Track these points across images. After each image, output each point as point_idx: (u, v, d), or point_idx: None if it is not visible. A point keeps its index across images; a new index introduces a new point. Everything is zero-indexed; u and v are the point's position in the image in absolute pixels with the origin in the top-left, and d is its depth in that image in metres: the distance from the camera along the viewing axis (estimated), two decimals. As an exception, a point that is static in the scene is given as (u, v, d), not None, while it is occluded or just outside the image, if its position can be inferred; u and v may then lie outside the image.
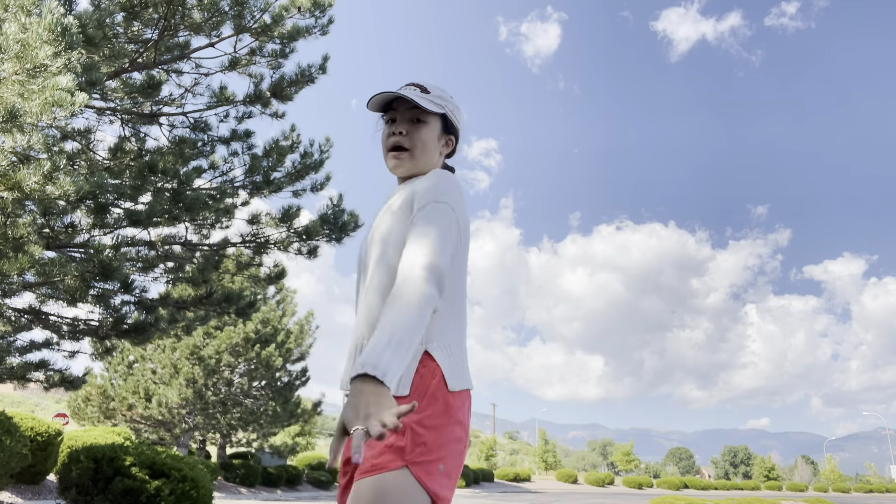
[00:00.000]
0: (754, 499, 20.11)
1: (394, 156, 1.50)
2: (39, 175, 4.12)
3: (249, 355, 19.34)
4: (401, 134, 1.49)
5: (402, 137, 1.49)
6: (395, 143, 1.50)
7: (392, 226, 1.38)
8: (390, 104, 1.53)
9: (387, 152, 1.52)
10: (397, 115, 1.52)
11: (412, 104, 1.50)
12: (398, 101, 1.51)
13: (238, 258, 7.70)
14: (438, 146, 1.55)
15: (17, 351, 7.46)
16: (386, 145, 1.52)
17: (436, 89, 1.55)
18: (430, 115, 1.52)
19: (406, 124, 1.50)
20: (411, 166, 1.51)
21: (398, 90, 1.50)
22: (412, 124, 1.50)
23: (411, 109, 1.51)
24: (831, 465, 63.66)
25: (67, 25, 3.74)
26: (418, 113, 1.50)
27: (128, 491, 6.52)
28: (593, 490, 42.73)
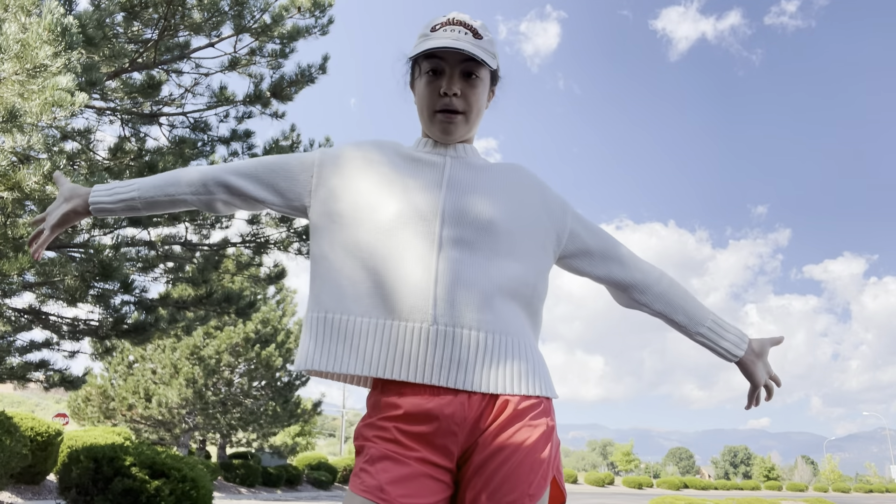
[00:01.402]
0: (754, 499, 20.11)
1: (447, 119, 1.25)
2: (39, 175, 4.12)
3: (249, 355, 19.35)
4: (455, 95, 1.23)
5: (455, 100, 1.24)
6: (447, 105, 1.24)
7: (518, 228, 1.24)
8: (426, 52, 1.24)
9: (434, 113, 1.25)
10: (444, 66, 1.23)
11: (463, 56, 1.22)
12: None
13: (238, 258, 7.71)
14: (485, 106, 1.33)
15: (17, 351, 7.46)
16: (434, 105, 1.25)
17: (485, 30, 1.27)
18: (484, 69, 1.26)
19: (459, 81, 1.23)
20: (464, 132, 1.28)
21: (446, 30, 1.23)
22: (465, 81, 1.24)
23: (465, 62, 1.23)
24: (831, 465, 63.70)
25: (67, 25, 3.74)
26: (472, 66, 1.23)
27: (128, 491, 6.53)
28: (593, 490, 42.74)
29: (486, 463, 1.12)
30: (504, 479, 1.11)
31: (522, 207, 1.27)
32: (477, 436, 1.14)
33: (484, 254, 1.19)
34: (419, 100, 1.29)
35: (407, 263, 1.16)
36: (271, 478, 21.25)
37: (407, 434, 1.12)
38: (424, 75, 1.26)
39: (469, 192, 1.24)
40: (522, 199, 1.28)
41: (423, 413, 1.12)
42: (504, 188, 1.28)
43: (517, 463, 1.11)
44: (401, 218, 1.19)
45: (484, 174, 1.29)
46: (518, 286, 1.21)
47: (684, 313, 1.38)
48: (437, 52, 1.22)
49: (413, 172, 1.26)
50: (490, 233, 1.20)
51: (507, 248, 1.21)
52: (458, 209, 1.21)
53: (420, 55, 1.25)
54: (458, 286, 1.15)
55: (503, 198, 1.26)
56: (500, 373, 1.16)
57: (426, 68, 1.25)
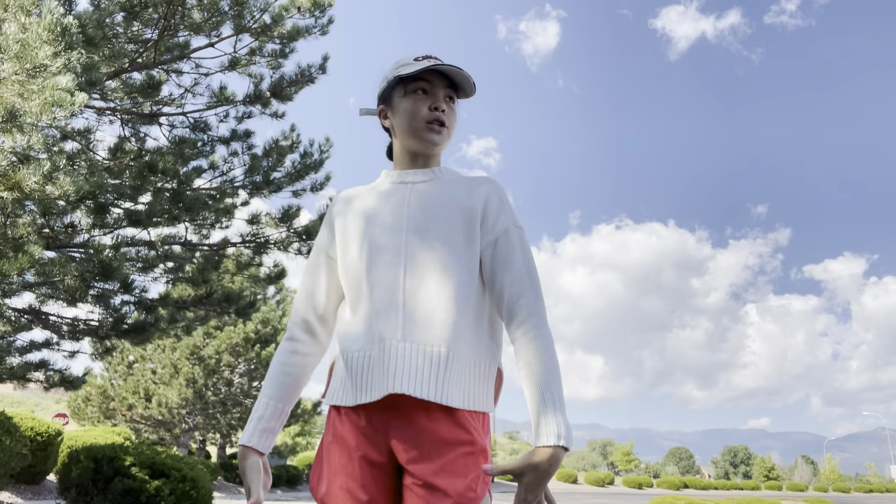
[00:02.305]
0: (754, 499, 20.10)
1: (436, 129, 1.38)
2: (39, 175, 4.12)
3: (249, 355, 19.35)
4: (442, 111, 1.38)
5: (442, 115, 1.38)
6: (439, 118, 1.38)
7: (456, 224, 1.33)
8: (418, 74, 1.38)
9: (423, 125, 1.38)
10: (431, 88, 1.38)
11: (447, 82, 1.39)
12: (432, 73, 1.38)
13: (238, 258, 7.70)
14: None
15: (17, 351, 7.46)
16: (423, 117, 1.37)
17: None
18: (460, 96, 1.43)
19: (443, 102, 1.39)
20: (445, 144, 1.42)
21: (437, 62, 1.37)
22: (447, 103, 1.40)
23: (447, 87, 1.39)
24: (831, 465, 63.69)
25: (67, 25, 3.74)
26: (451, 93, 1.41)
27: (128, 491, 6.53)
28: (593, 490, 42.74)
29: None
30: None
31: (461, 213, 1.35)
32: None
33: (431, 271, 1.30)
34: (407, 116, 1.39)
35: (379, 293, 1.30)
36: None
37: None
38: (412, 94, 1.39)
39: (428, 205, 1.36)
40: (463, 204, 1.36)
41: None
42: (456, 197, 1.38)
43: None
44: (371, 255, 1.34)
45: (446, 187, 1.40)
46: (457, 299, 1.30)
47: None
48: (426, 76, 1.37)
49: (381, 209, 1.39)
50: (440, 242, 1.32)
51: (450, 254, 1.31)
52: (417, 222, 1.34)
53: (405, 80, 1.38)
54: (418, 296, 1.28)
55: (451, 207, 1.36)
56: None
57: (414, 88, 1.38)
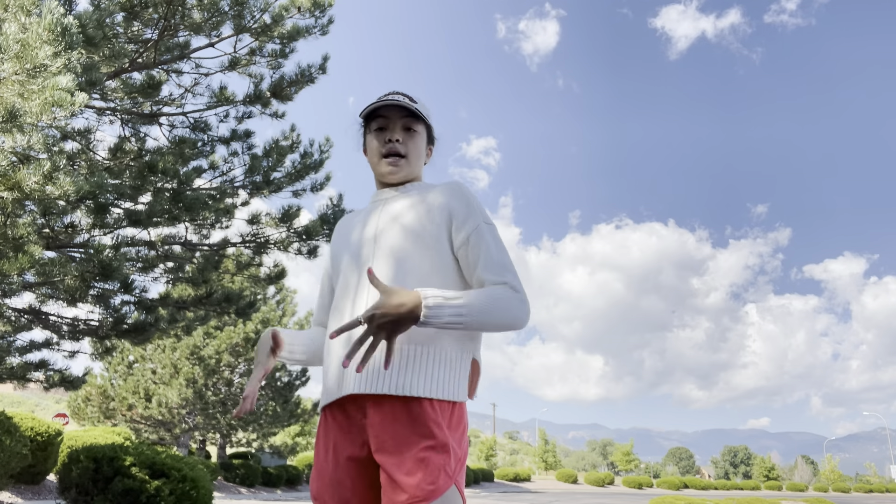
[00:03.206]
0: (754, 499, 20.11)
1: (391, 162, 1.52)
2: (39, 175, 4.12)
3: (249, 355, 19.34)
4: (397, 141, 1.52)
5: (398, 144, 1.52)
6: (391, 150, 1.53)
7: (426, 227, 1.43)
8: (376, 111, 1.55)
9: (380, 158, 1.54)
10: (388, 124, 1.54)
11: (404, 113, 1.53)
12: (388, 108, 1.53)
13: (238, 258, 7.70)
14: (424, 155, 1.61)
15: (17, 351, 7.46)
16: (380, 151, 1.54)
17: (419, 100, 1.59)
18: (420, 124, 1.56)
19: (400, 132, 1.53)
20: (407, 172, 1.55)
21: (387, 98, 1.53)
22: (405, 132, 1.54)
23: (403, 118, 1.54)
24: (831, 465, 63.68)
25: (67, 25, 3.74)
26: (410, 122, 1.54)
27: (128, 491, 6.52)
28: (593, 490, 42.75)
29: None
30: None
31: (427, 218, 1.46)
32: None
33: (390, 272, 1.40)
34: (370, 150, 1.57)
35: (346, 297, 1.45)
36: (271, 478, 21.25)
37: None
38: (373, 132, 1.56)
39: (397, 215, 1.48)
40: (430, 210, 1.46)
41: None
42: (423, 205, 1.48)
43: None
44: (345, 266, 1.50)
45: (416, 198, 1.51)
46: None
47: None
48: (382, 112, 1.53)
49: (358, 227, 1.55)
50: (406, 246, 1.42)
51: (417, 257, 1.41)
52: (385, 231, 1.46)
53: (369, 119, 1.57)
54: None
55: (419, 214, 1.47)
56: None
57: (374, 127, 1.56)
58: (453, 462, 1.28)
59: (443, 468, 1.24)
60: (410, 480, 1.21)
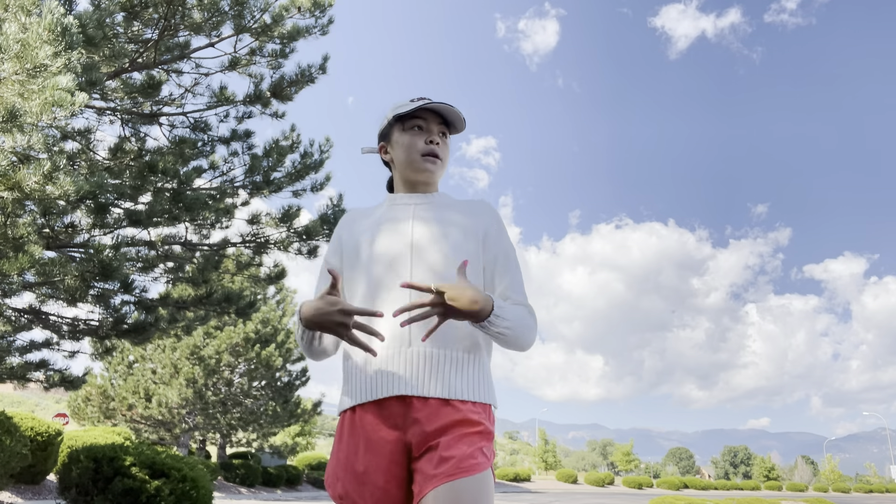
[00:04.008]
0: (754, 499, 20.11)
1: (431, 160, 1.55)
2: (39, 175, 4.12)
3: (249, 355, 19.34)
4: (437, 144, 1.56)
5: (436, 147, 1.56)
6: (433, 151, 1.55)
7: (464, 246, 1.49)
8: (414, 113, 1.56)
9: (419, 157, 1.55)
10: (426, 125, 1.56)
11: (440, 119, 1.57)
12: (425, 111, 1.55)
13: (238, 258, 7.70)
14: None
15: (17, 351, 7.46)
16: (419, 150, 1.55)
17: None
18: (452, 133, 1.61)
19: (436, 137, 1.57)
20: (440, 175, 1.60)
21: (432, 103, 1.54)
22: (441, 137, 1.58)
23: (441, 125, 1.57)
24: (831, 466, 63.68)
25: (67, 25, 3.74)
26: (444, 129, 1.58)
27: (128, 491, 6.52)
28: (593, 490, 42.74)
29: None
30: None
31: (465, 239, 1.51)
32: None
33: (443, 276, 1.44)
34: (405, 149, 1.56)
35: (387, 302, 1.43)
36: (271, 478, 21.25)
37: None
38: (409, 131, 1.56)
39: (430, 225, 1.51)
40: (466, 232, 1.52)
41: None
42: (458, 219, 1.54)
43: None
44: (379, 268, 1.47)
45: (446, 210, 1.55)
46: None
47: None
48: (420, 114, 1.54)
49: (386, 226, 1.54)
50: (445, 256, 1.46)
51: (445, 276, 1.45)
52: (422, 241, 1.48)
53: (403, 118, 1.56)
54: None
55: (455, 227, 1.52)
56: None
57: (411, 125, 1.56)
58: (491, 449, 1.34)
59: (483, 449, 1.31)
60: (455, 452, 1.26)
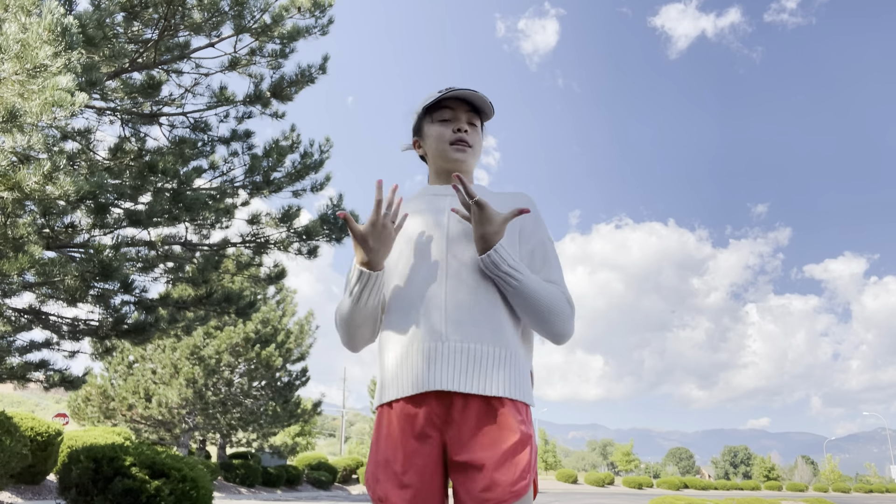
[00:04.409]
0: (754, 499, 20.11)
1: (460, 148, 1.56)
2: (39, 175, 4.12)
3: (249, 355, 19.34)
4: (465, 132, 1.56)
5: (465, 135, 1.56)
6: (461, 138, 1.56)
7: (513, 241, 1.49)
8: (441, 102, 1.58)
9: (449, 145, 1.56)
10: (453, 115, 1.57)
11: (468, 107, 1.58)
12: (453, 100, 1.57)
13: (238, 258, 7.70)
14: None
15: (17, 351, 7.46)
16: (449, 138, 1.56)
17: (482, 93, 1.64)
18: (479, 120, 1.62)
19: (465, 125, 1.57)
20: (472, 163, 1.60)
21: (456, 91, 1.55)
22: (470, 126, 1.58)
23: (469, 112, 1.58)
24: (831, 466, 63.69)
25: (67, 25, 3.74)
26: (473, 116, 1.59)
27: (128, 491, 6.52)
28: (593, 490, 42.74)
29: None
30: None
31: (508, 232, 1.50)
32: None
33: (470, 275, 1.43)
34: (434, 140, 1.58)
35: (422, 295, 1.43)
36: (271, 478, 21.25)
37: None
38: (438, 122, 1.58)
39: (463, 223, 1.50)
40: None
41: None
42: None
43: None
44: (413, 261, 1.47)
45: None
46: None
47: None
48: (447, 104, 1.56)
49: (420, 219, 1.54)
50: (473, 257, 1.45)
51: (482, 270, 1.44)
52: (457, 232, 1.48)
53: (431, 110, 1.59)
54: (460, 300, 1.40)
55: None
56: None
57: (437, 118, 1.58)
58: (533, 458, 1.34)
59: (527, 466, 1.31)
60: (503, 477, 1.27)
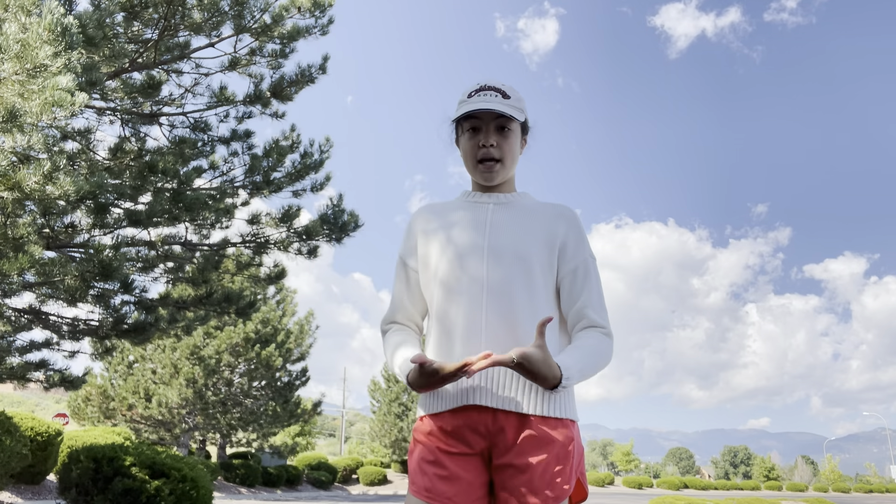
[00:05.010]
0: (754, 499, 20.11)
1: (487, 167, 1.50)
2: (39, 175, 4.12)
3: (249, 355, 19.34)
4: (491, 146, 1.49)
5: (492, 149, 1.49)
6: (486, 155, 1.49)
7: (540, 254, 1.45)
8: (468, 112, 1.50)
9: (476, 163, 1.51)
10: (481, 125, 1.50)
11: (497, 114, 1.48)
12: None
13: (238, 258, 7.70)
14: (518, 152, 1.58)
15: (17, 351, 7.46)
16: (475, 156, 1.51)
17: (512, 91, 1.53)
18: (514, 122, 1.51)
19: (493, 135, 1.49)
20: (503, 176, 1.53)
21: (479, 94, 1.49)
22: (499, 133, 1.50)
23: (497, 119, 1.49)
24: (831, 466, 63.66)
25: (67, 25, 3.74)
26: (504, 121, 1.49)
27: (128, 491, 6.52)
28: (593, 490, 42.71)
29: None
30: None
31: (541, 248, 1.47)
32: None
33: (518, 286, 1.42)
34: (464, 154, 1.55)
35: (462, 313, 1.42)
36: (271, 478, 21.25)
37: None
38: (466, 133, 1.52)
39: (507, 232, 1.47)
40: (543, 240, 1.48)
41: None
42: (535, 227, 1.49)
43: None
44: (453, 275, 1.45)
45: (524, 215, 1.51)
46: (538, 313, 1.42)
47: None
48: (475, 112, 1.47)
49: (461, 228, 1.51)
50: (520, 268, 1.43)
51: (530, 281, 1.43)
52: (498, 248, 1.45)
53: (462, 119, 1.51)
54: (500, 320, 1.40)
55: (532, 236, 1.48)
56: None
57: (466, 127, 1.52)
58: (576, 458, 1.37)
59: (565, 474, 1.34)
60: (540, 485, 1.31)
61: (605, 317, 1.44)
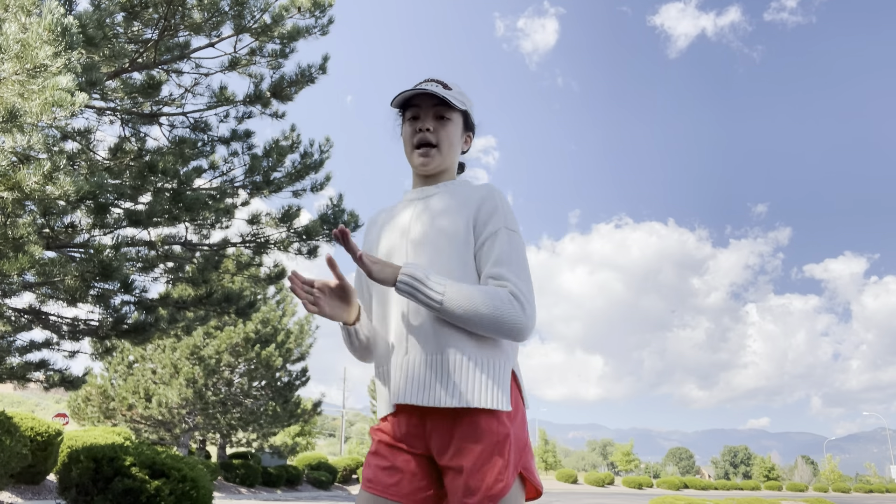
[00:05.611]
0: (754, 499, 20.11)
1: (422, 153, 1.50)
2: (39, 175, 4.12)
3: (249, 355, 19.34)
4: (427, 130, 1.49)
5: (428, 134, 1.49)
6: (422, 140, 1.50)
7: (459, 232, 1.42)
8: (410, 100, 1.52)
9: (413, 149, 1.52)
10: (420, 112, 1.51)
11: (435, 101, 1.50)
12: (421, 97, 1.50)
13: (238, 258, 7.70)
14: (460, 143, 1.57)
15: (17, 351, 7.46)
16: (412, 142, 1.52)
17: (455, 86, 1.55)
18: (454, 112, 1.52)
19: (431, 121, 1.50)
20: (439, 162, 1.52)
21: (420, 86, 1.50)
22: (437, 121, 1.50)
23: (435, 106, 1.50)
24: (831, 466, 63.68)
25: (67, 25, 3.74)
26: (442, 110, 1.50)
27: (128, 491, 6.52)
28: (593, 490, 42.74)
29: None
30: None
31: (458, 228, 1.44)
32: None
33: (438, 267, 1.41)
34: (403, 140, 1.56)
35: (385, 308, 1.47)
36: (271, 478, 21.25)
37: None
38: (406, 122, 1.54)
39: (429, 222, 1.46)
40: (459, 220, 1.45)
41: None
42: (455, 209, 1.47)
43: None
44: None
45: (447, 201, 1.49)
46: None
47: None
48: (414, 100, 1.51)
49: (392, 227, 1.53)
50: (439, 251, 1.42)
51: (448, 262, 1.41)
52: (418, 240, 1.46)
53: (403, 108, 1.55)
54: (416, 318, 1.39)
55: (450, 218, 1.45)
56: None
57: (407, 116, 1.54)
58: (515, 452, 1.31)
59: (504, 467, 1.28)
60: (476, 483, 1.27)
61: (510, 278, 1.34)
